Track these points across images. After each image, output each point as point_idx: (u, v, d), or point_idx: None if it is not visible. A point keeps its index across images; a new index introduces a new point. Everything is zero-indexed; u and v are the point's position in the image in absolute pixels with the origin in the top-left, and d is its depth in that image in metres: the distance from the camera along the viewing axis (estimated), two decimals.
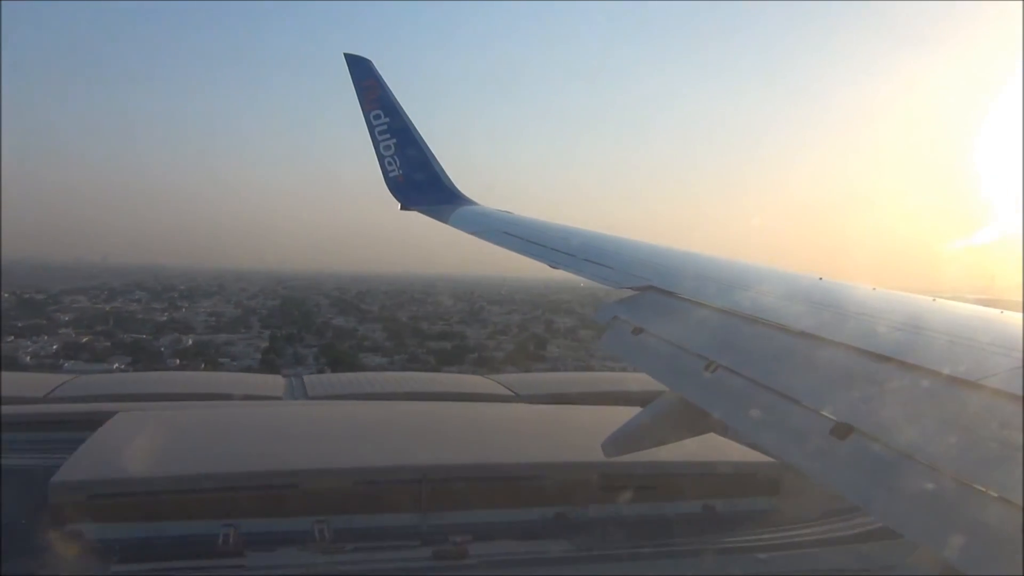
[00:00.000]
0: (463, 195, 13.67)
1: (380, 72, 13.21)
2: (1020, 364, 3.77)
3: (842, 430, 3.76)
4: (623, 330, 6.71)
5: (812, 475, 3.85)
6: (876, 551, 42.90)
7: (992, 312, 5.25)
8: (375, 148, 13.43)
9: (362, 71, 13.12)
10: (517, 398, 76.28)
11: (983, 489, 3.05)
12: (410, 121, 13.41)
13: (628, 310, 7.05)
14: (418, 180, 13.46)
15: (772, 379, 4.75)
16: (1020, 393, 3.43)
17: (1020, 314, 4.89)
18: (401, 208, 13.43)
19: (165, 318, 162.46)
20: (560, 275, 9.13)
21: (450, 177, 13.80)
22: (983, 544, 2.89)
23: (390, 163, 13.41)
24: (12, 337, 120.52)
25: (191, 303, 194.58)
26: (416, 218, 13.26)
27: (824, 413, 4.05)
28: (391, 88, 13.25)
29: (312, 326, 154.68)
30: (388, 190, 13.57)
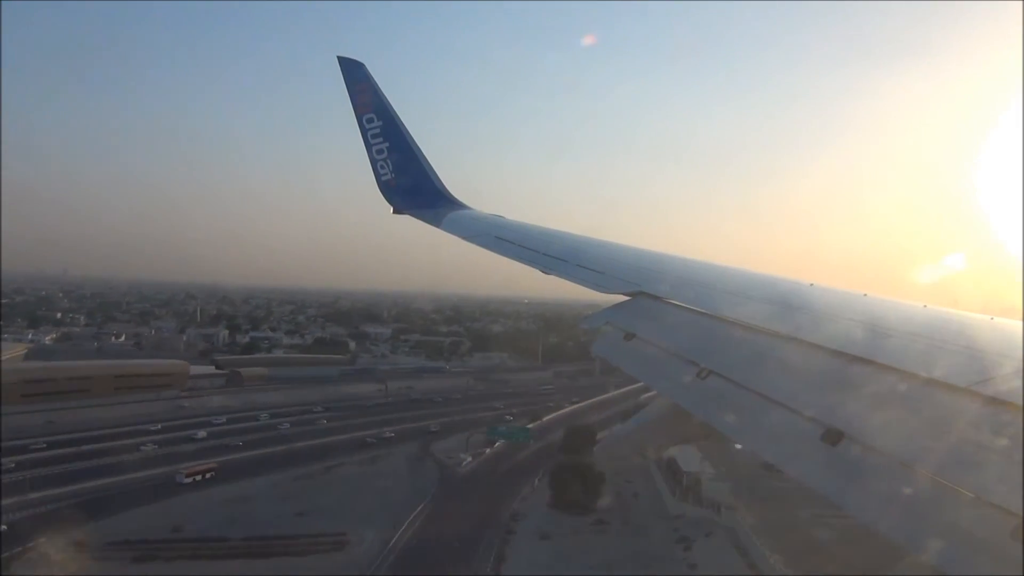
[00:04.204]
0: (455, 199, 13.56)
1: (374, 76, 13.16)
2: (1014, 369, 3.75)
3: (833, 436, 3.74)
4: (615, 336, 6.66)
5: (803, 481, 3.80)
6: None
7: (983, 318, 5.25)
8: (368, 151, 13.31)
9: (355, 74, 13.02)
10: None
11: (976, 495, 3.02)
12: (403, 125, 13.30)
13: (620, 315, 6.99)
14: (410, 184, 13.34)
15: (763, 384, 4.71)
16: (1011, 399, 3.41)
17: (1013, 320, 4.87)
18: (393, 212, 13.33)
19: None
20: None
21: (442, 181, 13.74)
22: (974, 550, 2.86)
23: (382, 166, 13.30)
24: None
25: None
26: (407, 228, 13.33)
27: (815, 418, 4.01)
28: (384, 92, 13.21)
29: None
30: (380, 194, 13.50)
